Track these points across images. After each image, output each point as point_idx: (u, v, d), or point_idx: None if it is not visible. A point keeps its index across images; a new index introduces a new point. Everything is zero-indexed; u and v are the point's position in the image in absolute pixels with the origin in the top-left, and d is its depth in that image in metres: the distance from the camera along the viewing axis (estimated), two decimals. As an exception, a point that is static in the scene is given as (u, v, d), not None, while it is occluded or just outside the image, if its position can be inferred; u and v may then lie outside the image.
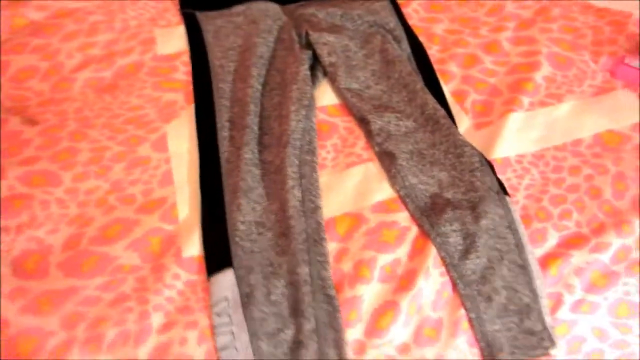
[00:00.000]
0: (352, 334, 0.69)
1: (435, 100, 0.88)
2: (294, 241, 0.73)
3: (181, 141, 0.86)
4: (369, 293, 0.71)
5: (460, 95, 0.93)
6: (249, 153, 0.82)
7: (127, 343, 0.67)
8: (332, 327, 0.69)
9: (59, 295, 0.70)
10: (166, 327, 0.68)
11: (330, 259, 0.74)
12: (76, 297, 0.70)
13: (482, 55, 0.99)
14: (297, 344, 0.68)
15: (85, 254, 0.73)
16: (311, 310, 0.69)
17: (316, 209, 0.77)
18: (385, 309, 0.70)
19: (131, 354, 0.66)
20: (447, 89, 0.93)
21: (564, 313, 0.74)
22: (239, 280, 0.71)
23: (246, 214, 0.76)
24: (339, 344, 0.68)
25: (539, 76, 0.93)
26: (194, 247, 0.75)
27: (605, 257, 0.75)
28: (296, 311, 0.70)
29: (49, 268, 0.72)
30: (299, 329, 0.68)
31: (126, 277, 0.72)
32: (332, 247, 0.75)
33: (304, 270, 0.71)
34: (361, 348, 0.69)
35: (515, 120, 0.87)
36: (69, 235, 0.76)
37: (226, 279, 0.71)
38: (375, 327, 0.70)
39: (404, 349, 0.70)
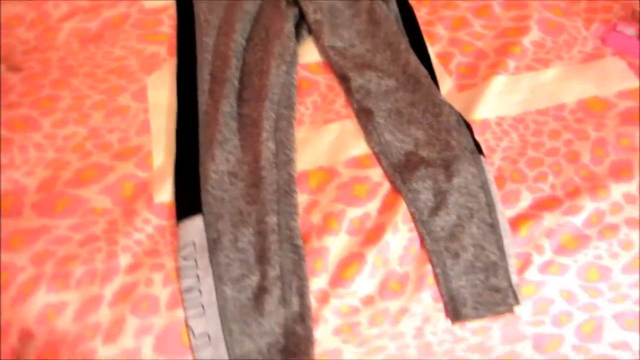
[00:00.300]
0: (317, 283, 0.70)
1: (418, 61, 0.87)
2: (264, 191, 0.73)
3: (161, 92, 0.86)
4: (335, 244, 0.71)
5: (445, 57, 0.91)
6: (227, 106, 0.82)
7: (94, 281, 0.68)
8: (297, 275, 0.69)
9: (31, 234, 0.71)
10: (133, 268, 0.69)
11: (300, 210, 0.74)
12: (47, 235, 0.71)
13: (472, 18, 0.97)
14: (261, 290, 0.69)
15: (59, 196, 0.75)
16: (277, 258, 0.70)
17: (289, 161, 0.77)
18: (351, 260, 0.71)
19: (98, 292, 0.68)
20: (432, 51, 0.92)
21: (532, 274, 0.73)
22: (207, 226, 0.72)
23: (219, 163, 0.77)
24: (302, 291, 0.69)
25: (527, 40, 0.92)
26: (165, 193, 0.75)
27: (577, 220, 0.74)
28: (262, 258, 0.70)
29: (23, 208, 0.74)
30: (263, 276, 0.69)
31: (97, 219, 0.73)
32: (303, 199, 0.75)
33: (272, 220, 0.71)
34: (325, 297, 0.70)
35: (499, 83, 0.86)
36: (44, 178, 0.77)
37: (194, 225, 0.71)
38: (340, 278, 0.70)
39: (368, 300, 0.71)
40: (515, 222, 0.74)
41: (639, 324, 0.79)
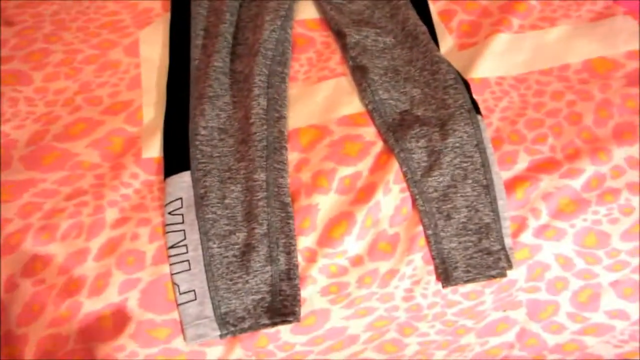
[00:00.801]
0: (305, 241, 0.69)
1: (417, 17, 0.84)
2: (253, 147, 0.72)
3: (153, 47, 0.85)
4: (325, 203, 0.70)
5: (447, 15, 0.88)
6: (220, 61, 0.80)
7: (80, 235, 0.68)
8: (284, 233, 0.68)
9: (18, 186, 0.71)
10: (119, 222, 0.69)
11: (290, 168, 0.73)
12: (34, 188, 0.71)
13: (477, -25, 0.93)
14: (247, 247, 0.68)
15: (47, 149, 0.74)
16: (264, 215, 0.69)
17: (280, 118, 0.75)
18: (340, 219, 0.69)
19: (83, 245, 0.67)
20: (434, 8, 0.89)
21: (526, 237, 0.71)
22: (195, 182, 0.70)
23: (209, 119, 0.75)
24: (289, 249, 0.68)
25: (533, -2, 0.88)
26: (154, 149, 0.74)
27: (576, 183, 0.71)
28: (249, 215, 0.69)
29: (11, 161, 0.73)
30: (250, 233, 0.68)
31: (85, 173, 0.72)
32: (293, 156, 0.74)
33: (260, 177, 0.70)
34: (312, 256, 0.69)
35: (501, 41, 0.83)
36: (33, 132, 0.76)
37: (182, 180, 0.70)
38: (328, 237, 0.69)
39: (357, 261, 0.70)
40: (511, 184, 0.72)
41: (638, 292, 0.77)
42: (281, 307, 0.66)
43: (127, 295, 0.65)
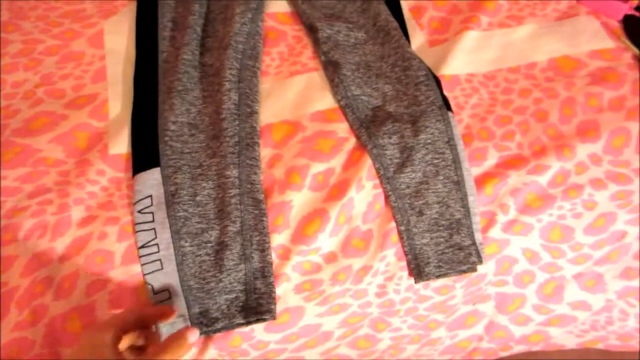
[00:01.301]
0: (278, 239, 0.68)
1: (389, 12, 0.84)
2: (225, 143, 0.70)
3: (119, 38, 0.82)
4: (298, 200, 0.69)
5: (418, 11, 0.88)
6: (189, 54, 0.78)
7: (45, 234, 0.65)
8: (258, 231, 0.67)
9: (-24, 184, 0.67)
10: (86, 221, 0.66)
11: (263, 164, 0.72)
12: (-6, 186, 0.67)
13: (447, -28, 0.94)
14: (220, 246, 0.67)
15: (7, 145, 0.70)
16: (237, 212, 0.68)
17: (252, 113, 0.74)
18: (314, 217, 0.69)
19: (48, 245, 0.65)
20: (405, 4, 0.89)
21: (495, 232, 0.73)
22: (165, 179, 0.69)
23: (179, 114, 0.73)
24: (263, 247, 0.67)
25: (501, -4, 0.89)
26: (122, 144, 0.72)
27: (542, 179, 0.73)
28: (222, 213, 0.68)
29: (-32, 157, 0.70)
30: (223, 231, 0.67)
31: (48, 170, 0.69)
32: (265, 152, 0.73)
33: (232, 173, 0.69)
34: (286, 253, 0.68)
35: (470, 38, 0.84)
36: (-9, 126, 0.72)
37: (151, 177, 0.69)
38: (301, 234, 0.68)
39: (331, 257, 0.70)
40: (481, 180, 0.73)
41: (599, 284, 0.80)
42: (256, 306, 0.66)
43: (95, 297, 0.63)
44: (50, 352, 0.63)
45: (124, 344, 0.53)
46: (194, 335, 0.56)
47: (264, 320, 0.65)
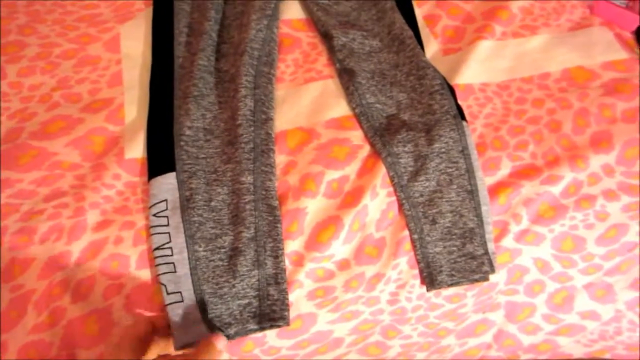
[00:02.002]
0: (292, 245, 0.69)
1: (403, 21, 0.84)
2: (240, 149, 0.71)
3: (135, 43, 0.82)
4: (312, 206, 0.70)
5: (432, 20, 0.89)
6: (204, 60, 0.78)
7: (61, 237, 0.65)
8: (272, 237, 0.68)
9: (-7, 187, 0.68)
10: (101, 225, 0.67)
11: (278, 171, 0.72)
12: (11, 189, 0.68)
13: (461, -19, 0.94)
14: (234, 251, 0.67)
15: (23, 148, 0.71)
16: (251, 219, 0.68)
17: (267, 120, 0.74)
18: (328, 224, 0.69)
19: (64, 248, 0.65)
20: (419, 12, 0.89)
21: (508, 241, 0.73)
22: (180, 184, 0.69)
23: (195, 119, 0.74)
24: (277, 253, 0.67)
25: (515, 6, 0.89)
26: (138, 149, 0.72)
27: (555, 189, 0.74)
28: (236, 218, 0.68)
29: (-15, 159, 0.70)
30: (237, 237, 0.67)
31: (64, 173, 0.70)
32: (280, 159, 0.73)
33: (247, 179, 0.69)
34: (300, 260, 0.69)
35: (484, 48, 0.84)
36: (8, 129, 0.73)
37: (167, 182, 0.69)
38: (315, 241, 0.69)
39: (344, 265, 0.70)
40: (495, 190, 0.73)
41: (609, 294, 0.80)
42: (269, 312, 0.66)
43: (112, 300, 0.64)
44: (67, 354, 0.64)
45: (152, 354, 0.54)
46: (222, 342, 0.56)
47: (278, 326, 0.66)
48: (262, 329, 0.65)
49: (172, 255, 0.66)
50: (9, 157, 0.70)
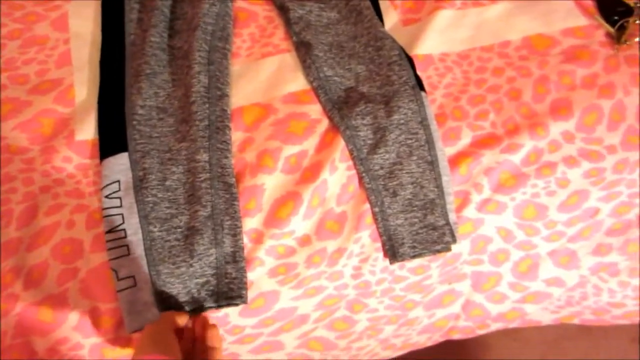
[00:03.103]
0: (251, 223, 0.68)
1: (362, -8, 0.82)
2: (195, 127, 0.69)
3: (84, 21, 0.79)
4: (270, 183, 0.69)
5: (391, -10, 0.87)
6: (157, 36, 0.76)
7: (10, 223, 0.63)
8: (229, 215, 0.66)
9: (-63, 173, 0.65)
10: (53, 209, 0.65)
11: (234, 148, 0.71)
12: (-44, 175, 0.65)
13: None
14: (191, 230, 0.66)
15: (-32, 132, 0.68)
16: (208, 197, 0.67)
17: (222, 96, 0.72)
18: (287, 200, 0.68)
19: (15, 234, 0.63)
20: (378, -17, 0.88)
21: (470, 211, 0.73)
22: (134, 164, 0.67)
23: (147, 98, 0.71)
24: (235, 232, 0.66)
25: (475, -26, 0.88)
26: (88, 130, 0.70)
27: (516, 158, 0.73)
28: (192, 197, 0.67)
29: None
30: (193, 216, 0.66)
31: (12, 157, 0.68)
32: (237, 136, 0.72)
33: (202, 157, 0.68)
34: (259, 237, 0.67)
35: (444, 17, 0.83)
36: (-48, 113, 0.70)
37: (119, 162, 0.67)
38: (274, 217, 0.68)
39: (305, 240, 0.69)
40: (455, 160, 0.73)
41: (573, 260, 0.80)
42: (227, 290, 0.65)
43: (67, 285, 0.62)
44: (22, 342, 0.62)
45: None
46: (184, 318, 0.60)
47: (235, 304, 0.65)
48: (219, 307, 0.64)
49: (125, 237, 0.64)
50: (-47, 142, 0.67)
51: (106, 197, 0.65)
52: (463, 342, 0.95)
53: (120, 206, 0.65)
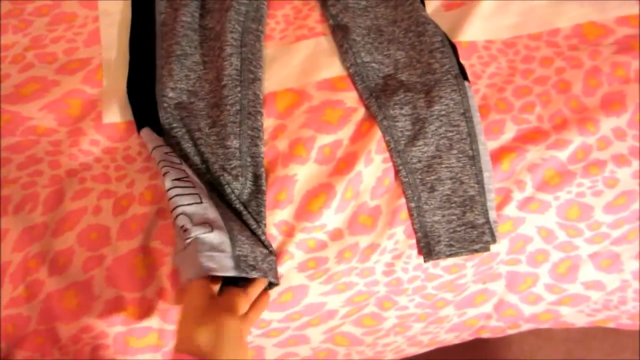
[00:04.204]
0: (281, 215, 0.65)
1: (402, -27, 0.78)
2: (226, 112, 0.66)
3: (113, -1, 0.77)
4: (303, 173, 0.66)
5: (433, -28, 0.82)
6: (188, 16, 0.73)
7: (36, 208, 0.62)
8: (250, 208, 0.63)
9: (-36, 153, 0.64)
10: (79, 194, 0.63)
11: (266, 135, 0.68)
12: (-18, 156, 0.64)
13: None
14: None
15: (-5, 112, 0.67)
16: (237, 184, 0.64)
17: (255, 80, 0.69)
18: (319, 192, 0.65)
19: (40, 219, 0.62)
20: (420, -36, 0.83)
21: (510, 210, 0.69)
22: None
23: (178, 80, 0.69)
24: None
25: (524, -44, 0.82)
26: (116, 113, 0.68)
27: (562, 154, 0.69)
28: (218, 185, 0.64)
29: (-46, 125, 0.66)
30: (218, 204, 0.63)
31: (39, 139, 0.66)
32: (269, 123, 0.69)
33: (233, 144, 0.65)
34: (290, 230, 0.65)
35: (489, 2, 0.78)
36: (-21, 92, 0.69)
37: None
38: (306, 210, 0.65)
39: (337, 235, 0.66)
40: (498, 155, 0.69)
41: (615, 264, 0.76)
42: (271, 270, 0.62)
43: (92, 273, 0.61)
44: (47, 328, 0.61)
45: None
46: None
47: (276, 284, 0.63)
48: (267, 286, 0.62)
49: (194, 187, 0.60)
50: (-20, 122, 0.66)
51: (165, 154, 0.62)
52: (485, 338, 0.93)
53: (181, 163, 0.61)
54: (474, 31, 0.76)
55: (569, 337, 1.15)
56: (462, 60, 0.73)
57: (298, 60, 0.73)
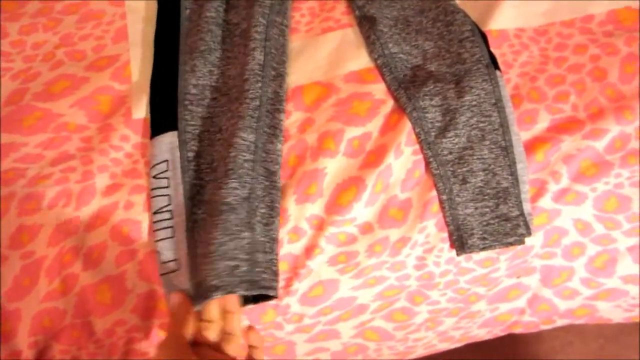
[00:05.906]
0: (311, 209, 0.64)
1: (429, -39, 0.76)
2: (245, 105, 0.65)
3: (139, -5, 0.77)
4: (332, 167, 0.65)
5: (461, -40, 0.81)
6: (212, 11, 0.73)
7: (69, 203, 0.62)
8: (264, 203, 0.62)
9: (-2, 151, 0.65)
10: (111, 189, 0.64)
11: (294, 129, 0.67)
12: (16, 153, 0.65)
13: None
14: (227, 206, 0.61)
15: (27, 110, 0.68)
16: (248, 178, 0.62)
17: (277, 76, 0.69)
18: (349, 185, 0.65)
19: (73, 214, 0.62)
20: (447, -48, 0.81)
21: (545, 202, 0.67)
22: (182, 144, 0.65)
23: (201, 77, 0.69)
24: (267, 221, 0.62)
25: (555, -59, 0.80)
26: (145, 108, 0.68)
27: (599, 144, 0.67)
28: (231, 172, 0.62)
29: (-12, 123, 0.67)
30: (231, 192, 0.61)
31: (70, 135, 0.67)
32: (297, 116, 0.68)
33: (248, 137, 0.63)
34: (320, 224, 0.64)
35: (520, -11, 0.76)
36: (11, 90, 0.70)
37: (168, 141, 0.65)
38: (336, 203, 0.64)
39: (367, 228, 0.66)
40: (531, 145, 0.67)
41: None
42: (260, 280, 0.60)
43: (125, 267, 0.61)
44: (82, 322, 0.62)
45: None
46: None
47: (268, 296, 0.61)
48: (248, 301, 0.61)
49: (171, 218, 0.62)
50: (12, 119, 0.67)
51: (154, 177, 0.63)
52: (516, 334, 0.91)
53: (168, 187, 0.62)
54: (505, 19, 0.74)
55: (602, 333, 1.13)
56: (492, 49, 0.71)
57: (325, 53, 0.72)
